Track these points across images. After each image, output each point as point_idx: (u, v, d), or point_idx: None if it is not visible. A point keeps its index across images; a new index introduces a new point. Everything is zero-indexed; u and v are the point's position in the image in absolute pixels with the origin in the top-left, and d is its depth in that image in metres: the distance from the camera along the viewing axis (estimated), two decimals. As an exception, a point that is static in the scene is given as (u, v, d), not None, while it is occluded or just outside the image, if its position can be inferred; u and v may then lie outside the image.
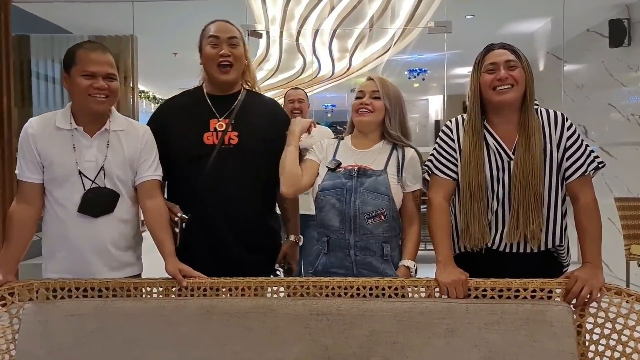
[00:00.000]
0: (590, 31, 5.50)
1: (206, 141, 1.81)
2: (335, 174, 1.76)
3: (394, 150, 1.80)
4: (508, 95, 1.61)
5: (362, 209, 1.70)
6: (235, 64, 1.83)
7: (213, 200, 1.80)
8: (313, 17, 4.97)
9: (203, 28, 1.88)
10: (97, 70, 1.67)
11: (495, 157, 1.65)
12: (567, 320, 1.50)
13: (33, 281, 1.69)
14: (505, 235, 1.65)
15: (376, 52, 5.93)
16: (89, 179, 1.70)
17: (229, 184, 1.80)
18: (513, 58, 1.62)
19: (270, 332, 1.58)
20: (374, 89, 1.79)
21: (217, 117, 1.84)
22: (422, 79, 7.68)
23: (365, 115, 1.78)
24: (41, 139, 1.70)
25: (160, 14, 4.99)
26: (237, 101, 1.88)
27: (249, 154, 1.83)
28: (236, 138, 1.82)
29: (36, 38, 4.87)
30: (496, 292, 1.57)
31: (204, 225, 1.81)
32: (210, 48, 1.82)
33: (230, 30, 1.84)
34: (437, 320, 1.54)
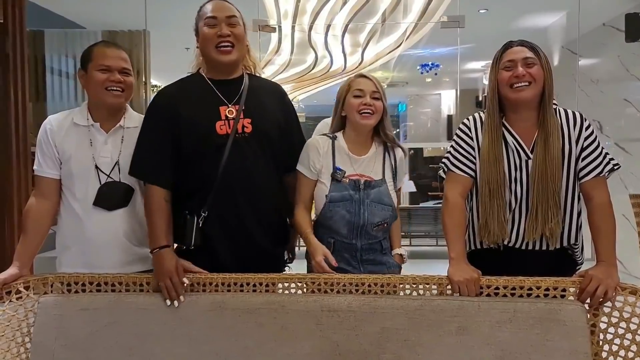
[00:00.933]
0: (606, 25, 5.42)
1: (219, 131, 1.67)
2: (342, 185, 1.78)
3: (385, 153, 1.85)
4: (525, 92, 1.60)
5: (370, 220, 1.77)
6: (237, 44, 1.69)
7: (235, 194, 1.69)
8: (325, 12, 4.95)
9: (199, 8, 1.74)
10: (112, 64, 1.73)
11: (513, 155, 1.65)
12: (580, 319, 1.49)
13: (48, 275, 1.72)
14: (523, 233, 1.64)
15: (388, 47, 5.90)
16: (105, 174, 1.74)
17: (250, 175, 1.69)
18: (531, 55, 1.61)
19: (282, 327, 1.59)
20: (374, 89, 1.79)
21: (226, 104, 1.70)
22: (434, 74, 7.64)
23: (370, 119, 1.78)
24: (59, 135, 1.75)
25: (173, 9, 5.00)
26: (243, 85, 1.75)
27: (266, 141, 1.73)
28: (250, 125, 1.70)
29: (50, 33, 4.91)
30: (509, 290, 1.56)
31: (227, 222, 1.69)
32: (208, 29, 1.67)
33: (229, 9, 1.71)
34: (448, 318, 1.54)
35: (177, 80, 1.82)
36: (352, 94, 1.79)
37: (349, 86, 1.82)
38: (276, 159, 1.78)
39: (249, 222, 1.71)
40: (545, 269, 1.62)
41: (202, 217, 1.67)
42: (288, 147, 1.81)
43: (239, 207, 1.69)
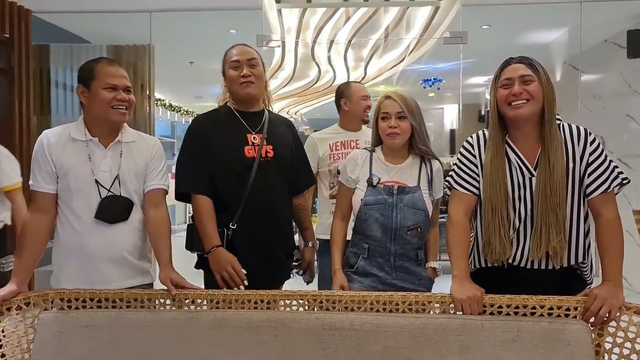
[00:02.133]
0: (608, 42, 5.43)
1: (247, 154, 1.93)
2: (376, 190, 1.90)
3: (422, 164, 1.96)
4: (522, 110, 1.59)
5: (403, 223, 1.86)
6: (256, 81, 1.97)
7: (259, 209, 1.92)
8: (328, 27, 4.99)
9: (225, 53, 2.03)
10: (118, 83, 1.76)
11: (517, 173, 1.64)
12: (585, 339, 1.47)
13: (48, 291, 1.71)
14: (527, 252, 1.63)
15: (391, 62, 5.93)
16: (105, 188, 1.75)
17: (270, 193, 1.95)
18: (529, 72, 1.60)
19: (283, 346, 1.58)
20: (399, 110, 1.89)
21: (251, 132, 1.97)
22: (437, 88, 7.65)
23: (396, 139, 1.89)
24: (56, 150, 1.75)
25: (177, 24, 5.05)
26: (264, 117, 2.03)
27: (283, 165, 2.00)
28: (272, 151, 1.97)
29: (56, 47, 4.96)
30: (512, 309, 1.55)
31: (253, 234, 1.92)
32: (233, 71, 1.96)
33: (249, 52, 1.99)
34: (451, 337, 1.52)
35: (213, 110, 2.09)
36: (380, 116, 1.93)
37: (378, 108, 1.95)
38: (288, 181, 2.05)
39: (270, 236, 1.96)
40: (552, 288, 1.61)
41: (231, 229, 1.90)
42: (296, 172, 2.09)
43: (263, 222, 1.93)
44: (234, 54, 1.98)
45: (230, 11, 4.66)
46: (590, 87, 5.73)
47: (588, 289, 1.65)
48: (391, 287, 1.86)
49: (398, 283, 1.88)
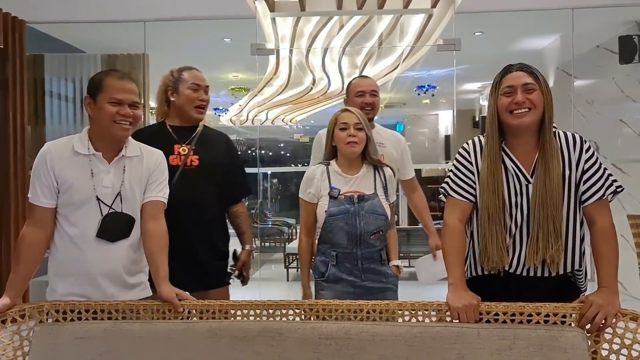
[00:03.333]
0: (600, 47, 5.48)
1: (171, 162, 2.11)
2: (338, 201, 2.05)
3: (375, 172, 2.13)
4: (525, 119, 1.59)
5: (366, 229, 2.03)
6: (206, 106, 2.25)
7: (180, 212, 2.04)
8: (322, 35, 5.01)
9: (177, 72, 2.24)
10: (124, 97, 1.71)
11: (513, 180, 1.64)
12: (581, 346, 1.47)
13: (44, 303, 1.70)
14: (524, 259, 1.63)
15: (385, 69, 5.96)
16: (107, 205, 1.72)
17: (192, 197, 2.12)
18: (531, 81, 1.60)
19: (279, 356, 1.57)
20: (357, 122, 2.07)
21: (180, 144, 2.19)
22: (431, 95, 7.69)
23: (355, 147, 2.07)
24: (59, 163, 1.72)
25: (172, 33, 5.06)
26: (196, 131, 2.23)
27: (209, 173, 2.18)
28: (197, 161, 2.17)
29: (50, 57, 4.96)
30: (508, 316, 1.55)
31: (174, 237, 1.89)
32: (192, 92, 2.19)
33: (205, 79, 2.25)
34: (448, 345, 1.52)
35: (146, 126, 2.39)
36: (338, 126, 2.09)
37: (336, 120, 2.11)
38: (219, 190, 2.23)
39: (193, 239, 2.13)
40: (548, 295, 1.61)
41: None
42: (232, 181, 2.29)
43: (186, 225, 2.09)
44: (193, 77, 2.21)
45: (225, 20, 4.68)
46: (583, 92, 5.77)
47: (583, 296, 1.65)
48: (362, 289, 2.03)
49: (368, 284, 2.05)
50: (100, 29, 4.83)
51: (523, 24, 5.08)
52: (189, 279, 2.05)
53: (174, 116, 2.24)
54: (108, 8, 4.35)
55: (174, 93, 2.21)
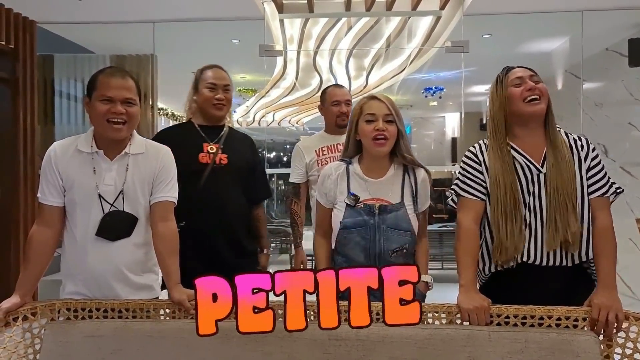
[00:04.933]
0: (609, 50, 5.46)
1: (201, 160, 2.16)
2: (355, 211, 1.73)
3: (405, 174, 1.79)
4: (539, 106, 1.66)
5: (387, 247, 1.72)
6: (227, 105, 2.25)
7: (207, 209, 2.10)
8: (330, 37, 5.01)
9: (200, 71, 2.27)
10: (114, 94, 1.66)
11: (524, 172, 1.66)
12: (594, 350, 1.47)
13: (55, 301, 1.71)
14: (541, 246, 1.64)
15: (392, 71, 5.95)
16: (108, 202, 1.71)
17: (221, 195, 2.14)
18: (535, 74, 1.70)
19: (289, 357, 1.57)
20: (387, 112, 1.73)
21: (208, 142, 2.21)
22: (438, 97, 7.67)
23: (384, 145, 1.73)
24: (63, 162, 1.72)
25: (180, 34, 5.08)
26: (223, 131, 2.27)
27: (237, 172, 2.21)
28: (226, 159, 2.19)
29: (60, 58, 4.99)
30: (519, 319, 1.54)
31: (198, 231, 2.07)
32: (208, 91, 2.21)
33: (225, 78, 2.26)
34: (458, 347, 1.52)
35: (175, 124, 2.38)
36: (364, 118, 1.74)
37: (361, 109, 1.76)
38: (245, 189, 2.25)
39: (218, 237, 2.13)
40: (562, 286, 1.64)
41: (179, 227, 1.85)
42: (254, 183, 2.30)
43: (211, 222, 2.11)
44: (210, 76, 2.23)
45: (233, 21, 4.70)
46: (592, 95, 5.74)
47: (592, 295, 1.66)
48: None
49: None
50: (109, 30, 4.86)
51: (531, 26, 5.06)
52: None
53: (198, 115, 2.27)
54: (117, 9, 4.37)
55: (196, 92, 2.25)
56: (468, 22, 4.53)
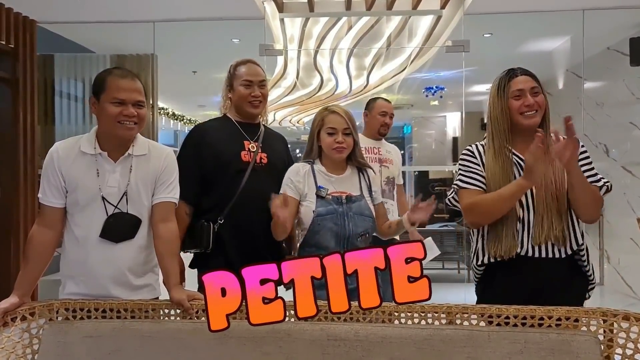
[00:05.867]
0: (611, 49, 5.45)
1: (243, 158, 2.11)
2: (326, 201, 1.98)
3: (359, 173, 2.10)
4: (535, 119, 1.76)
5: (355, 231, 1.96)
6: (264, 101, 2.21)
7: (249, 208, 2.06)
8: (331, 36, 5.01)
9: (235, 66, 2.20)
10: (126, 97, 1.67)
11: (518, 171, 1.76)
12: (594, 351, 1.46)
13: (53, 301, 1.70)
14: (531, 239, 1.72)
15: (393, 70, 5.94)
16: (112, 204, 1.71)
17: (262, 196, 2.01)
18: (536, 85, 1.77)
19: (287, 357, 1.56)
20: (345, 126, 1.99)
21: (249, 140, 2.16)
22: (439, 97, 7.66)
23: (342, 153, 2.01)
24: (65, 163, 1.71)
25: (181, 34, 5.08)
26: (260, 129, 2.22)
27: (275, 171, 2.14)
28: (266, 158, 2.16)
29: (60, 57, 4.99)
30: (519, 320, 1.53)
31: (239, 229, 2.06)
32: (244, 89, 2.15)
33: (261, 74, 2.20)
34: (458, 348, 1.51)
35: (213, 118, 2.28)
36: (325, 130, 2.00)
37: (322, 121, 2.02)
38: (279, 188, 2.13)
39: (257, 233, 2.07)
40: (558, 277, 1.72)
41: (218, 223, 2.03)
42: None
43: (251, 221, 2.07)
44: (246, 73, 2.16)
45: (233, 21, 4.70)
46: (593, 95, 5.73)
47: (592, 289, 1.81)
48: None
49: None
50: (109, 30, 4.86)
51: (533, 25, 5.05)
52: None
53: (234, 112, 2.22)
54: (117, 9, 4.37)
55: (231, 89, 2.20)
56: (469, 21, 4.52)
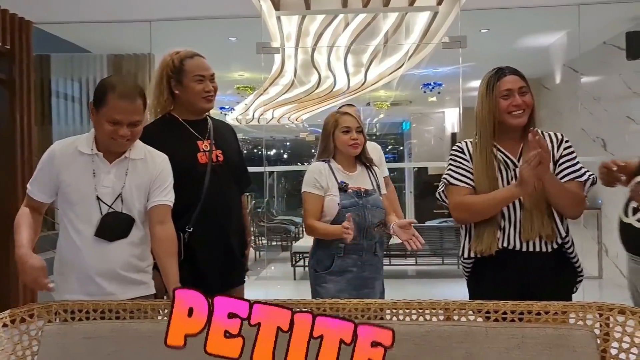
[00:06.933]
0: (607, 44, 5.45)
1: (200, 160, 2.03)
2: (348, 194, 2.18)
3: (368, 170, 2.31)
4: (522, 119, 1.80)
5: (372, 221, 2.19)
6: (215, 95, 2.10)
7: (216, 211, 2.02)
8: (328, 34, 5.01)
9: (180, 59, 2.03)
10: (122, 119, 1.68)
11: (504, 168, 1.80)
12: (590, 345, 1.46)
13: (52, 303, 1.71)
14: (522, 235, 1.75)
15: (391, 67, 5.95)
16: (106, 204, 1.72)
17: (225, 195, 2.07)
18: (524, 84, 1.79)
19: (285, 356, 1.57)
20: (358, 125, 2.23)
21: (201, 139, 2.07)
22: (437, 93, 7.66)
23: (357, 148, 2.24)
24: (63, 163, 1.73)
25: (177, 33, 5.07)
26: (209, 124, 2.12)
27: (233, 167, 2.13)
28: (222, 155, 2.08)
29: (57, 58, 4.99)
30: (517, 315, 1.54)
31: (209, 234, 2.01)
32: (197, 84, 2.02)
33: (210, 68, 2.07)
34: (456, 344, 1.51)
35: (155, 120, 2.10)
36: (340, 129, 2.22)
37: (336, 122, 2.24)
38: (239, 183, 2.20)
39: (227, 236, 2.08)
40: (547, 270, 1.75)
41: (187, 233, 1.97)
42: (241, 172, 2.22)
43: (220, 223, 2.05)
44: (197, 67, 2.03)
45: (230, 19, 4.69)
46: (590, 89, 5.74)
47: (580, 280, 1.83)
48: (361, 280, 2.17)
49: (365, 274, 2.19)
50: (106, 29, 4.86)
51: (529, 20, 5.05)
52: (231, 275, 2.13)
53: (181, 109, 2.07)
54: (114, 8, 4.36)
55: (178, 85, 2.03)
56: (465, 17, 4.52)
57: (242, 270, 2.22)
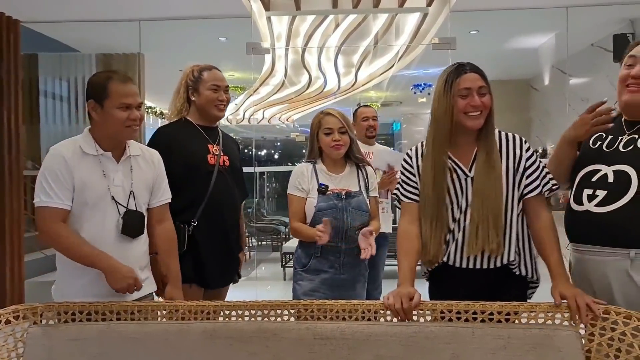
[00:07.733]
0: (595, 46, 5.50)
1: (209, 161, 2.20)
2: (327, 197, 2.18)
3: (358, 170, 2.27)
4: (479, 120, 1.67)
5: (352, 224, 2.15)
6: (227, 105, 2.30)
7: (219, 208, 2.17)
8: (318, 34, 5.00)
9: (198, 71, 2.24)
10: (132, 102, 1.74)
11: (454, 176, 1.70)
12: (575, 345, 1.48)
13: (37, 305, 1.69)
14: (465, 251, 1.68)
15: (381, 68, 5.95)
16: (122, 205, 1.76)
17: (228, 195, 2.23)
18: (484, 84, 1.67)
19: (274, 356, 1.57)
20: (340, 126, 2.19)
21: (212, 143, 2.25)
22: (427, 94, 7.69)
23: (340, 149, 2.21)
24: (73, 164, 1.72)
25: (167, 32, 5.06)
26: (219, 133, 2.32)
27: (236, 173, 2.31)
28: (228, 161, 2.26)
29: (44, 57, 4.95)
30: (503, 315, 1.55)
31: (213, 229, 2.15)
32: (212, 93, 2.22)
33: (225, 79, 2.29)
34: (442, 345, 1.52)
35: (172, 122, 2.30)
36: (323, 131, 2.21)
37: (319, 123, 2.23)
38: (239, 188, 2.35)
39: (228, 233, 2.23)
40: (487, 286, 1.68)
41: (192, 225, 2.11)
42: (241, 181, 2.38)
43: (222, 220, 2.19)
44: (213, 78, 2.23)
45: (220, 19, 4.68)
46: (578, 90, 5.79)
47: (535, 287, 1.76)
48: (338, 281, 2.16)
49: (344, 277, 2.17)
50: (95, 29, 4.82)
51: (518, 22, 5.09)
52: (230, 273, 2.29)
53: (196, 115, 2.26)
54: (103, 7, 4.33)
55: (195, 93, 2.24)
56: (455, 18, 4.54)
57: (235, 270, 2.34)
